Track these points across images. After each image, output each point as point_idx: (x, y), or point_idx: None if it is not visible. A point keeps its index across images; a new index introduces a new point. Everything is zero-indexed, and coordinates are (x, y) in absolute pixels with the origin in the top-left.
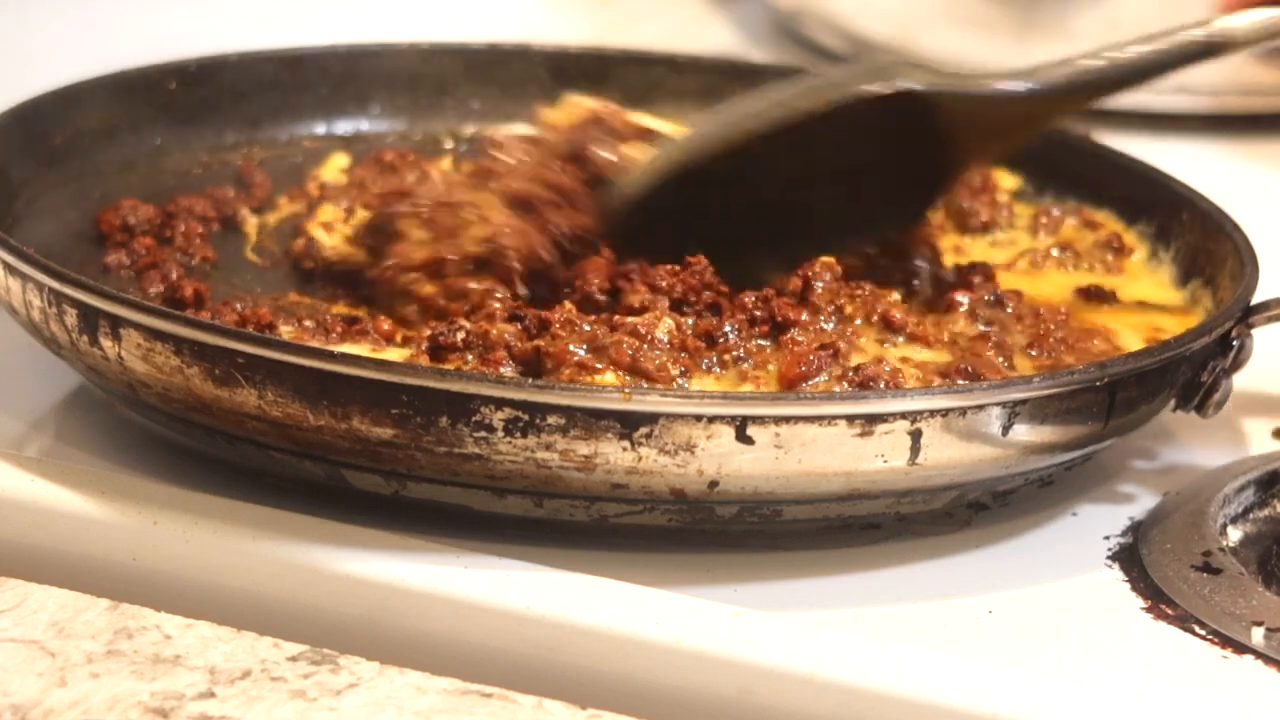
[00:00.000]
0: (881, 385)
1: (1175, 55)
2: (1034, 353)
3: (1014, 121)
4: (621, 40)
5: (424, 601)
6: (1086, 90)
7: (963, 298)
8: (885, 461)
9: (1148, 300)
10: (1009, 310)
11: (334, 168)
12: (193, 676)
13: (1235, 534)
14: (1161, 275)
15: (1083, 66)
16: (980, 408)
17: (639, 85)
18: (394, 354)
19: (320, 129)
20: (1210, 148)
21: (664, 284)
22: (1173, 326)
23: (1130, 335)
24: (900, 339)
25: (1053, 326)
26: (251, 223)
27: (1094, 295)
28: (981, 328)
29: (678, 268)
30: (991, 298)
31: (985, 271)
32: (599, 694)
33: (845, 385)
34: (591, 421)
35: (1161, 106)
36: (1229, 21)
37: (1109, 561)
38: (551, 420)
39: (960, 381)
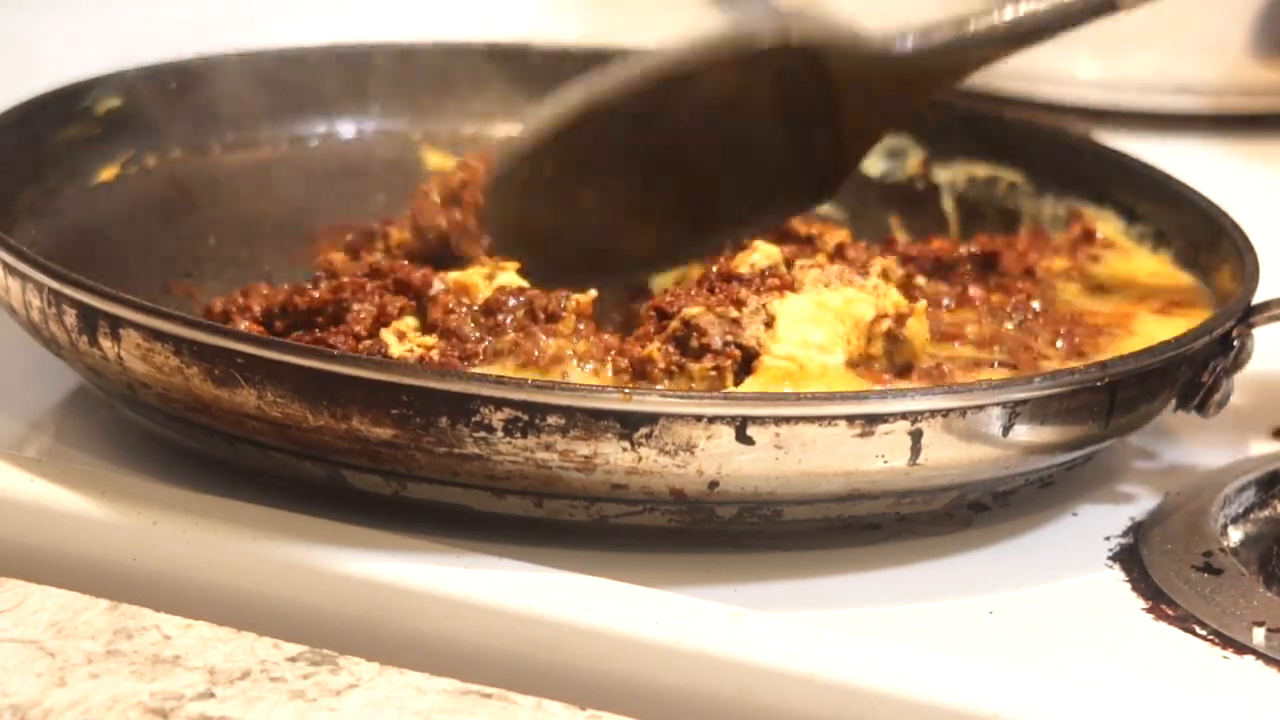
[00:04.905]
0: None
1: (1063, 15)
2: (1060, 344)
3: (905, 82)
4: (621, 40)
5: (424, 601)
6: (977, 48)
7: (975, 291)
8: (885, 462)
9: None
10: (1033, 311)
11: None
12: (192, 677)
13: (1236, 534)
14: (1160, 273)
15: (973, 27)
16: (980, 408)
17: None
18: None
19: (320, 129)
20: (1210, 148)
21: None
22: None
23: (1144, 328)
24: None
25: (1073, 326)
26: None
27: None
28: (1008, 326)
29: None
30: (1013, 302)
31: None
32: (599, 694)
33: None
34: (591, 422)
35: (1161, 106)
36: None
37: (1109, 562)
38: (551, 420)
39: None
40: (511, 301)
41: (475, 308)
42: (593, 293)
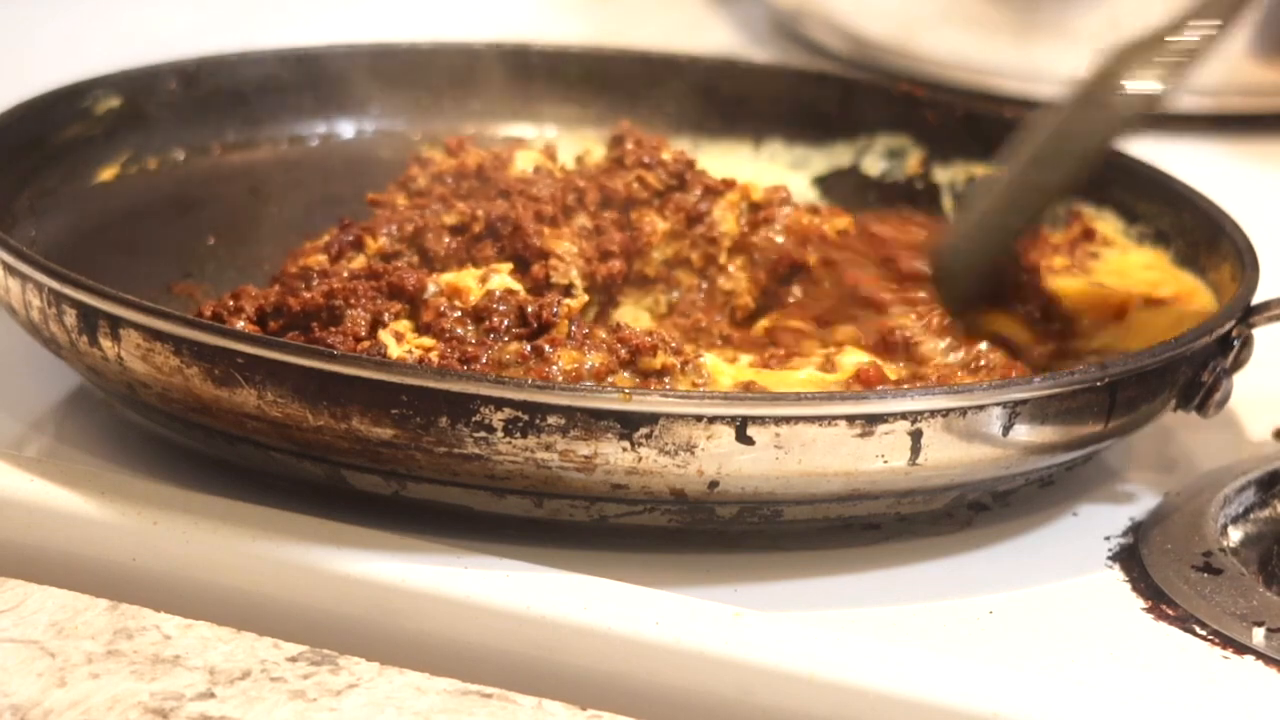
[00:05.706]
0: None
1: None
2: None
3: None
4: (621, 40)
5: (424, 601)
6: None
7: None
8: (885, 462)
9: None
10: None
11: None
12: (192, 677)
13: (1236, 534)
14: (1159, 272)
15: None
16: (981, 408)
17: (639, 85)
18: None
19: (320, 129)
20: (1210, 148)
21: None
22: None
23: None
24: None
25: (1073, 324)
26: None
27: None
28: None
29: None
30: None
31: None
32: (599, 694)
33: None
34: (591, 422)
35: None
36: None
37: (1109, 562)
38: (551, 420)
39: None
40: (501, 306)
41: (463, 313)
42: (584, 297)
